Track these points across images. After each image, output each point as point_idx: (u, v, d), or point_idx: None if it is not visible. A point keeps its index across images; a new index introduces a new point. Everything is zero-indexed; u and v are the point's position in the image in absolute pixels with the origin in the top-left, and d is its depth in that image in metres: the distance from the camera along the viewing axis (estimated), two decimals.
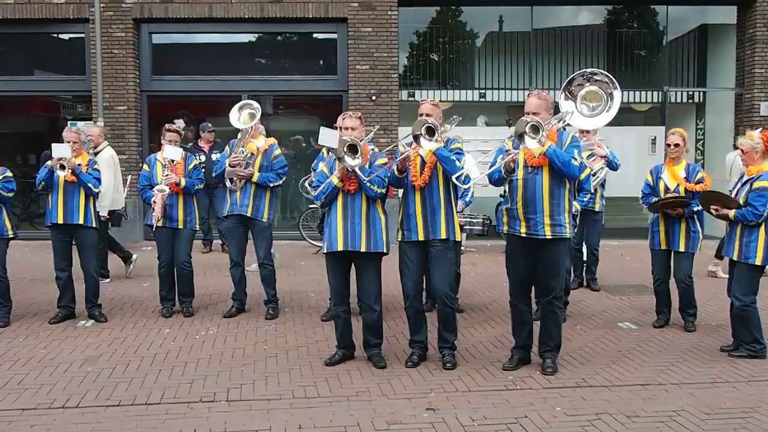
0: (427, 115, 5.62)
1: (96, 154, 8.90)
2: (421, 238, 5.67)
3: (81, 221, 7.07)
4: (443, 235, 5.64)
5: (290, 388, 5.32)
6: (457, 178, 5.47)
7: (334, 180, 5.60)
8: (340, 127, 5.92)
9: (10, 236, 7.09)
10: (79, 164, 6.97)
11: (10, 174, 7.09)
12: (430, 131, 5.36)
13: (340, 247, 5.63)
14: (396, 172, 5.61)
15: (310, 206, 11.90)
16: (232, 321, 7.26)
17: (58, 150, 6.83)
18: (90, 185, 7.02)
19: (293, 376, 5.61)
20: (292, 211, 13.60)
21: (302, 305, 7.96)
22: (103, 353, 6.20)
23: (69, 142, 6.98)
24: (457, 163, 5.50)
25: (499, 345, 6.40)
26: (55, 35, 13.52)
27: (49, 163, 6.96)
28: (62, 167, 6.79)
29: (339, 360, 5.88)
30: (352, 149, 5.45)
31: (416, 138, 5.38)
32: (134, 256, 9.58)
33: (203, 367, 5.84)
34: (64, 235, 7.17)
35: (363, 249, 5.63)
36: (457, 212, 5.83)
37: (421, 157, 5.60)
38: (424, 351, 5.90)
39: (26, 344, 6.47)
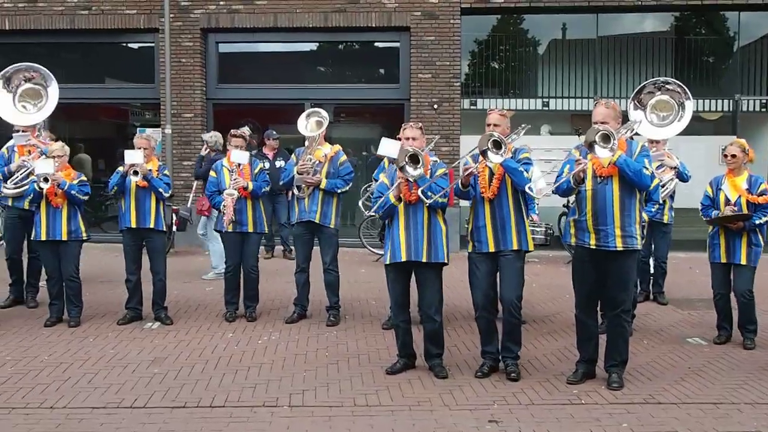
0: (495, 125, 5.59)
1: None
2: (491, 249, 5.62)
3: (152, 225, 7.26)
4: (515, 246, 5.60)
5: (351, 396, 5.33)
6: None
7: (392, 198, 5.63)
8: (402, 137, 5.93)
9: (84, 238, 7.33)
10: (149, 169, 7.15)
11: (85, 178, 7.32)
12: (497, 145, 5.32)
13: (403, 258, 5.63)
14: (460, 186, 5.59)
15: (370, 214, 11.92)
16: (293, 327, 7.32)
17: (131, 156, 7.02)
18: (161, 190, 7.20)
19: (354, 383, 5.62)
20: (352, 218, 13.66)
21: (363, 313, 7.98)
22: (169, 355, 6.32)
23: (140, 148, 7.17)
24: (525, 174, 5.45)
25: (562, 358, 6.28)
26: (125, 45, 13.90)
27: (120, 168, 7.17)
28: (135, 173, 6.98)
29: (400, 369, 5.87)
30: (414, 159, 5.45)
31: (483, 153, 5.34)
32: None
33: (266, 371, 5.90)
34: (136, 239, 7.36)
35: (424, 259, 5.63)
36: (529, 221, 5.78)
37: (489, 168, 5.56)
38: (496, 362, 5.83)
39: (96, 344, 6.65)
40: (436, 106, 12.55)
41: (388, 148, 5.70)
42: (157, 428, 4.72)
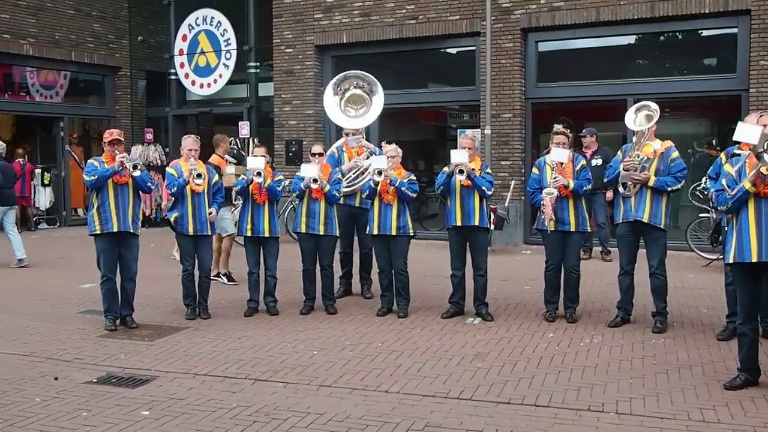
0: None
1: None
2: None
3: (476, 223, 7.46)
4: None
5: (685, 409, 4.96)
6: None
7: (747, 185, 5.07)
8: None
9: (411, 234, 7.78)
10: (473, 168, 7.36)
11: (414, 177, 7.75)
12: None
13: (753, 258, 5.09)
14: None
15: (701, 215, 11.07)
16: (616, 331, 7.03)
17: (457, 156, 7.28)
18: (483, 188, 7.37)
19: (687, 395, 5.22)
20: (675, 219, 12.77)
21: (693, 321, 7.40)
22: (491, 351, 6.44)
23: (465, 147, 7.41)
24: None
25: None
26: (445, 50, 14.49)
27: (446, 168, 7.47)
28: (461, 171, 7.24)
29: (741, 385, 5.32)
30: None
31: None
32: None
33: (589, 375, 5.73)
34: (461, 237, 7.61)
35: None
36: None
37: None
38: None
39: (422, 335, 7.00)
40: None
41: (746, 133, 5.15)
42: (483, 421, 4.82)
